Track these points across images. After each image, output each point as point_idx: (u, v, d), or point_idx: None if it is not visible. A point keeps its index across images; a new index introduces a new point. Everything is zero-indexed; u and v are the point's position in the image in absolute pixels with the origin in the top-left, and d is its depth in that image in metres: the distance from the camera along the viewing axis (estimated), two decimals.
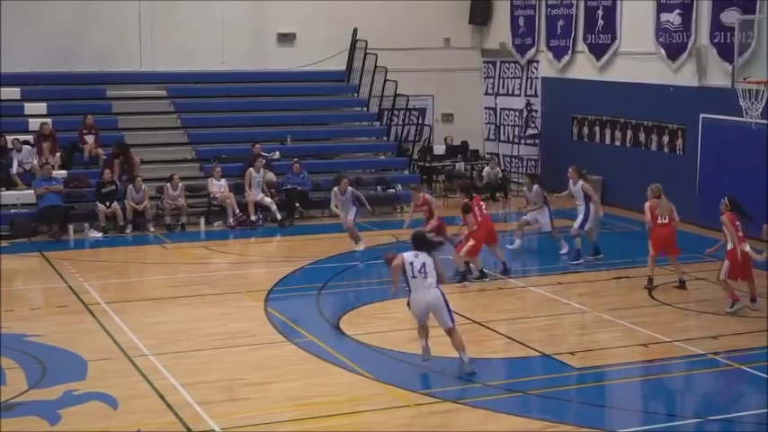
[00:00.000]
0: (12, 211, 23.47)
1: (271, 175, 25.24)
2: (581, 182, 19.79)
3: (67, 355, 14.06)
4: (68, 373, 13.22)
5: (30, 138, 24.99)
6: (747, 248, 15.80)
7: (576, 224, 19.71)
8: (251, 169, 24.64)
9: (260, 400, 12.32)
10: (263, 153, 25.57)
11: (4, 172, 24.00)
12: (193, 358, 13.96)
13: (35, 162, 24.36)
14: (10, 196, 23.72)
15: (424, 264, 13.04)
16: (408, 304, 13.34)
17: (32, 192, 23.41)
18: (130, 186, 23.65)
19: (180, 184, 24.18)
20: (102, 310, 16.46)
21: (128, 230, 23.40)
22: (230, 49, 28.84)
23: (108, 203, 23.34)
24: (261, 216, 24.49)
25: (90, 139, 25.31)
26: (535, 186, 20.74)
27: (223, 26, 28.76)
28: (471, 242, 18.05)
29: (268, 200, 24.66)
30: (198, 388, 12.59)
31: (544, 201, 20.90)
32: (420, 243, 13.35)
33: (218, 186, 24.57)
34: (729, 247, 15.91)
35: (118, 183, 23.86)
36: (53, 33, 27.16)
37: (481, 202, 18.87)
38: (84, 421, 11.57)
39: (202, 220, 24.31)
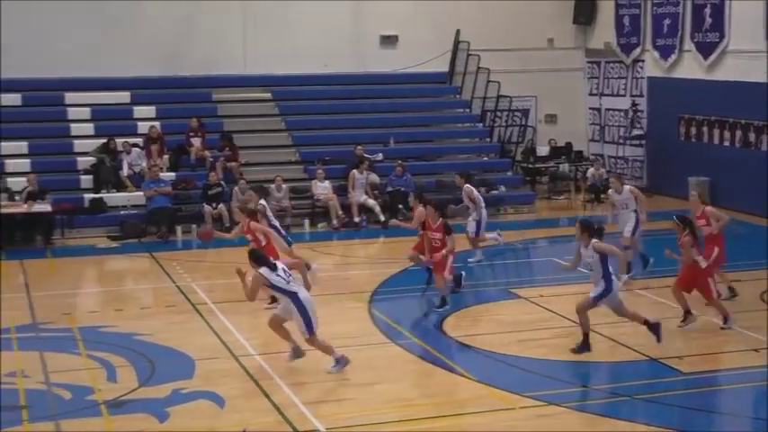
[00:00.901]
0: (122, 212, 24.02)
1: (374, 177, 25.35)
2: (628, 187, 18.95)
3: (175, 353, 14.30)
4: (176, 371, 13.44)
5: (139, 141, 25.55)
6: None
7: (627, 233, 18.85)
8: (354, 171, 24.80)
9: (364, 401, 12.36)
10: (365, 155, 25.71)
11: (114, 174, 24.57)
12: (299, 359, 14.06)
13: (144, 164, 24.87)
14: (120, 198, 24.29)
15: (283, 268, 13.32)
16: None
17: (141, 193, 23.90)
18: (236, 188, 23.98)
19: (284, 186, 24.45)
20: (209, 309, 16.71)
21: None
22: (333, 51, 29.03)
23: (214, 205, 23.70)
24: (364, 218, 24.62)
25: (197, 141, 25.75)
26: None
27: (326, 29, 28.98)
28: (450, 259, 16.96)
29: (371, 201, 24.79)
30: (303, 388, 12.69)
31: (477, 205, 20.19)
32: (259, 258, 13.49)
33: (322, 188, 24.77)
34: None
35: (224, 184, 24.23)
36: (161, 38, 27.69)
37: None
38: (191, 419, 11.74)
39: (306, 222, 24.51)
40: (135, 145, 25.32)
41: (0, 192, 23.05)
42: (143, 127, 26.05)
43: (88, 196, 24.15)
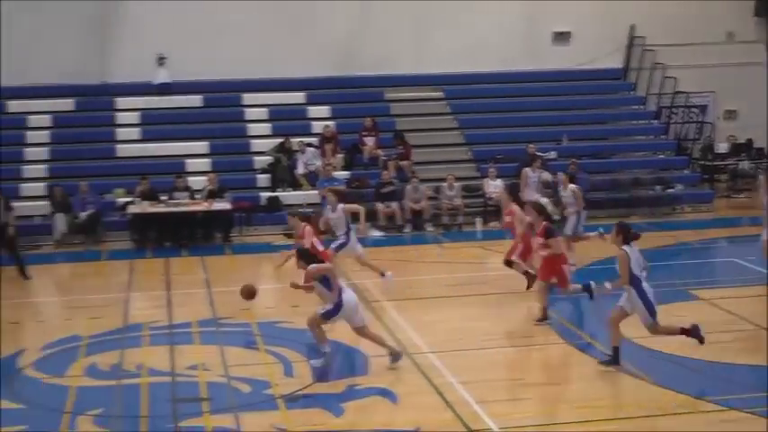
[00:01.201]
0: (298, 210, 24.45)
1: (546, 175, 25.06)
2: None
3: (350, 350, 14.45)
4: (351, 367, 13.62)
5: (314, 140, 26.00)
6: None
7: None
8: (527, 169, 24.57)
9: (538, 402, 12.24)
10: (538, 153, 25.48)
11: (289, 173, 25.07)
12: (471, 357, 14.04)
13: (318, 163, 25.29)
14: (295, 196, 24.75)
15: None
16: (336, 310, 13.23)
17: (316, 192, 24.31)
18: (409, 186, 24.16)
19: (456, 185, 24.47)
20: (382, 307, 16.83)
21: (406, 230, 23.89)
22: (506, 49, 28.87)
23: (387, 203, 23.93)
24: None
25: (370, 140, 26.04)
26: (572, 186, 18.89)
27: (498, 26, 28.87)
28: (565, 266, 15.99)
29: (544, 200, 24.48)
30: (476, 387, 12.62)
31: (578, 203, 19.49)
32: (309, 256, 13.69)
33: (494, 186, 24.67)
34: None
35: (396, 183, 24.43)
36: (335, 38, 28.10)
37: None
38: (365, 415, 11.86)
39: (478, 221, 24.46)
40: (310, 144, 25.78)
41: (182, 190, 23.81)
42: (318, 126, 26.51)
43: (265, 195, 24.75)
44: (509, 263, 17.51)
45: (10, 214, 20.10)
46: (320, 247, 16.55)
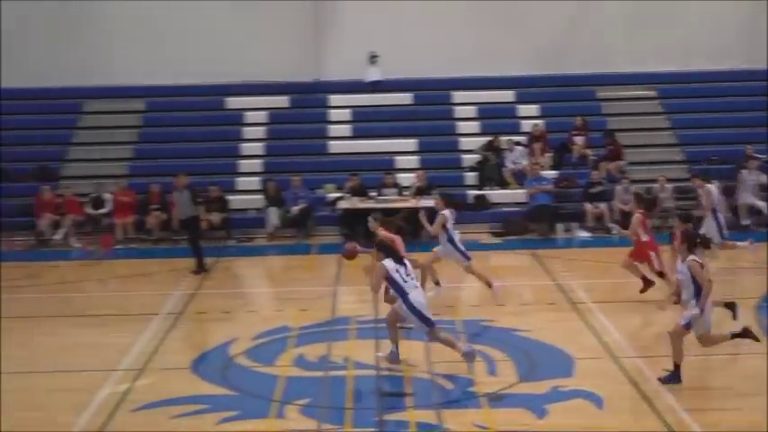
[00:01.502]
0: (504, 209, 24.44)
1: (764, 178, 24.24)
2: None
3: (554, 351, 14.32)
4: (555, 368, 13.44)
5: (522, 139, 25.89)
6: None
7: None
8: (743, 171, 23.82)
9: (749, 412, 11.76)
10: (755, 154, 24.60)
11: (497, 172, 25.04)
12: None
13: (526, 162, 25.16)
14: (503, 195, 24.71)
15: (405, 266, 13.31)
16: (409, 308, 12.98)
17: (524, 191, 24.20)
18: (619, 187, 23.74)
19: (668, 186, 23.90)
20: (588, 308, 16.62)
21: (614, 231, 23.48)
22: (722, 46, 28.00)
23: (596, 204, 23.58)
24: (752, 220, 23.55)
25: (579, 140, 25.73)
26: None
27: (715, 23, 28.13)
28: None
29: (761, 203, 23.70)
30: (685, 394, 12.28)
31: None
32: (388, 249, 13.61)
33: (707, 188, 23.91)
34: None
35: (605, 183, 24.06)
36: (546, 37, 27.94)
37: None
38: (569, 417, 11.69)
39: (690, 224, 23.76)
40: (518, 143, 25.70)
41: (390, 187, 24.13)
42: (526, 125, 26.39)
43: (472, 193, 24.80)
44: (661, 274, 16.96)
45: (200, 208, 20.70)
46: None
